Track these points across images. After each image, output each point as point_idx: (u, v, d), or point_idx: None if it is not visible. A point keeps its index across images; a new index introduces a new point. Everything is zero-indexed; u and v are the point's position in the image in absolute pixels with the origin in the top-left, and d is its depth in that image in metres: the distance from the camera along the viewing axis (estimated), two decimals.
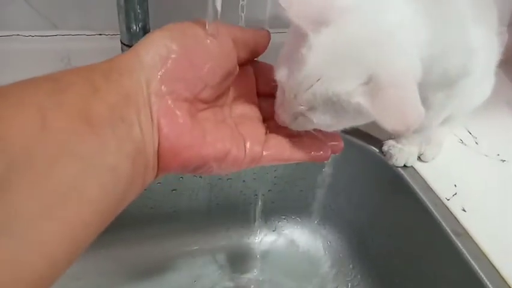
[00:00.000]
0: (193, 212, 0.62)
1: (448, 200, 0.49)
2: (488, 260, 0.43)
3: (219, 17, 0.28)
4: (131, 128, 0.23)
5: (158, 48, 0.26)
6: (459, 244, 0.44)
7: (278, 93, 0.33)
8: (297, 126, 0.33)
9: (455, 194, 0.50)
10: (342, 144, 0.35)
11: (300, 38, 0.29)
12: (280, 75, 0.31)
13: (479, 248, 0.44)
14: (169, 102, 0.26)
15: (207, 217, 0.63)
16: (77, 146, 0.20)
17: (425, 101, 0.46)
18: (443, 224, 0.46)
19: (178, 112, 0.26)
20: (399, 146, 0.52)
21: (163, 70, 0.26)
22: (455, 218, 0.47)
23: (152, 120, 0.25)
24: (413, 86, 0.29)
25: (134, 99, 0.24)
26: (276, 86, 0.34)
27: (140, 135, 0.24)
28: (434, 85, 0.43)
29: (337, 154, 0.36)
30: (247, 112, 0.34)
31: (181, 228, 0.62)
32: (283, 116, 0.33)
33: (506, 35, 0.80)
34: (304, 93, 0.29)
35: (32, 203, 0.18)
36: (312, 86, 0.29)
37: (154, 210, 0.59)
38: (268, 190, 0.63)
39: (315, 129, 0.34)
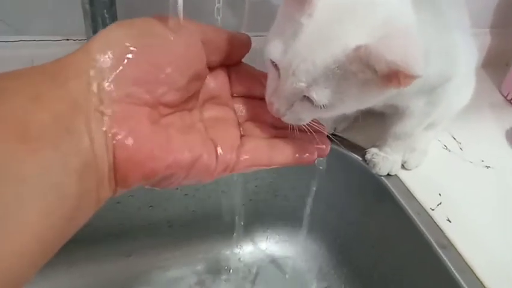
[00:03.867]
0: (170, 225, 0.59)
1: (433, 210, 0.47)
2: (473, 273, 0.41)
3: (181, 12, 0.25)
4: (79, 139, 0.20)
5: (113, 47, 0.23)
6: (444, 257, 0.43)
7: (269, 80, 0.31)
8: (292, 116, 0.30)
9: (440, 203, 0.48)
10: (329, 146, 0.32)
11: (299, 7, 0.27)
12: (274, 51, 0.29)
13: (464, 261, 0.42)
14: (126, 107, 0.23)
15: (184, 230, 0.60)
16: (13, 168, 0.18)
17: (406, 109, 0.46)
18: (428, 235, 0.45)
19: (136, 118, 0.23)
20: (382, 154, 0.50)
21: (117, 71, 0.23)
22: (440, 229, 0.45)
23: (105, 128, 0.22)
24: (418, 41, 0.27)
25: (84, 105, 0.21)
26: (253, 85, 0.32)
27: (90, 147, 0.21)
28: (415, 92, 0.41)
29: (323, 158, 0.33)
30: (220, 115, 0.31)
31: (156, 243, 0.60)
32: (277, 104, 0.30)
33: (489, 37, 0.79)
34: (304, 64, 0.27)
35: None
36: (313, 53, 0.27)
37: (127, 224, 0.57)
38: (249, 200, 0.61)
39: (300, 131, 0.31)
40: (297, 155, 0.31)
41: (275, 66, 0.30)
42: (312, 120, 0.32)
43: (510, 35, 0.78)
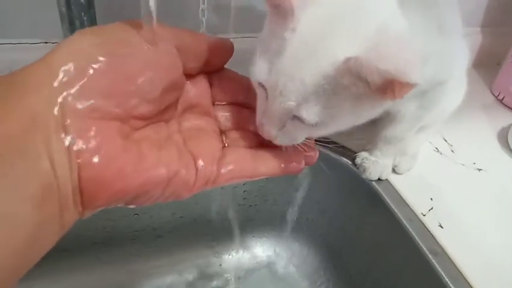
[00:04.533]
0: (157, 232, 0.58)
1: (424, 215, 0.46)
2: (466, 280, 0.40)
3: (154, 18, 0.23)
4: (36, 161, 0.19)
5: (76, 57, 0.21)
6: (436, 264, 0.42)
7: (259, 102, 0.29)
8: (284, 137, 0.29)
9: (431, 208, 0.47)
10: (317, 154, 0.31)
11: (281, 22, 0.26)
12: (260, 72, 0.27)
13: (457, 268, 0.41)
14: (92, 122, 0.21)
15: (172, 237, 0.59)
16: None
17: (397, 113, 0.44)
18: (419, 242, 0.44)
19: (104, 133, 0.21)
20: (372, 158, 0.49)
21: (81, 83, 0.21)
22: (432, 235, 0.44)
23: (68, 147, 0.20)
24: (413, 47, 0.25)
25: (43, 122, 0.19)
26: (236, 92, 0.30)
27: (51, 169, 0.19)
28: (407, 96, 0.40)
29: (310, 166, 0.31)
30: (201, 125, 0.29)
31: (144, 250, 0.58)
32: (267, 126, 0.28)
33: (480, 36, 0.79)
34: (291, 82, 0.25)
35: None
36: (300, 70, 0.25)
37: (113, 233, 0.55)
38: (238, 205, 0.59)
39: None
40: (282, 165, 0.29)
41: (263, 86, 0.28)
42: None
43: (501, 34, 0.77)
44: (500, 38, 0.77)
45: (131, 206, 0.24)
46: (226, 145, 0.29)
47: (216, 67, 0.30)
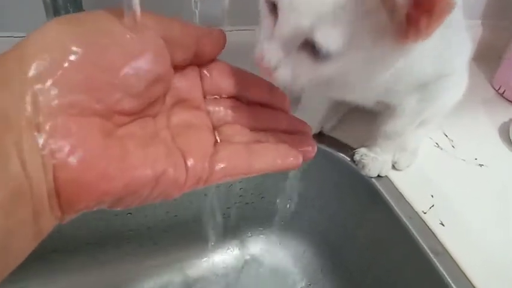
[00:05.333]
0: (152, 232, 0.56)
1: (425, 213, 0.45)
2: (468, 280, 0.39)
3: (137, 3, 0.21)
4: (6, 163, 0.17)
5: (51, 47, 0.19)
6: (437, 263, 0.41)
7: (264, 25, 0.26)
8: (285, 71, 0.26)
9: (432, 206, 0.46)
10: (315, 148, 0.29)
11: None
12: None
13: (459, 267, 0.40)
14: (69, 119, 0.19)
15: (167, 236, 0.57)
16: None
17: (397, 107, 0.43)
18: (420, 240, 0.43)
19: (83, 131, 0.19)
20: (372, 155, 0.48)
21: (57, 77, 0.19)
22: (433, 233, 0.43)
23: (42, 146, 0.18)
24: None
25: (14, 120, 0.18)
26: (229, 85, 0.28)
27: (21, 171, 0.18)
28: (408, 88, 0.39)
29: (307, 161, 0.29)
30: (191, 119, 0.27)
31: (138, 250, 0.57)
32: (270, 51, 0.25)
33: (481, 28, 0.77)
34: None
35: None
36: None
37: (107, 232, 0.54)
38: (234, 203, 0.58)
39: (283, 133, 0.28)
40: (279, 161, 0.27)
41: (272, 7, 0.25)
42: (297, 121, 0.29)
43: (502, 26, 0.76)
44: (501, 31, 0.76)
45: (117, 208, 0.22)
46: (219, 141, 0.27)
47: (207, 59, 0.28)
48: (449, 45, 0.38)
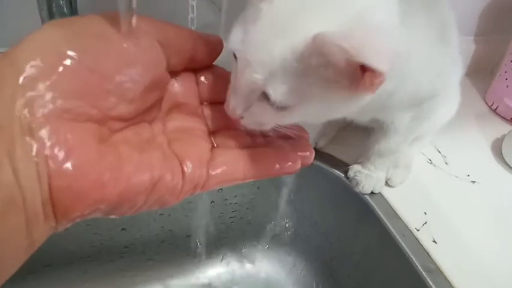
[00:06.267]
0: (145, 246, 0.56)
1: (418, 230, 0.45)
2: None
3: (134, 8, 0.21)
4: None
5: (44, 52, 0.19)
6: (429, 281, 0.41)
7: (232, 77, 0.27)
8: (251, 118, 0.27)
9: (425, 223, 0.46)
10: (313, 154, 0.29)
11: None
12: (234, 41, 0.25)
13: (451, 285, 0.40)
14: (63, 125, 0.19)
15: (161, 250, 0.57)
16: None
17: (390, 124, 0.44)
18: (413, 258, 0.43)
19: (78, 137, 0.19)
20: (365, 171, 0.48)
21: (50, 82, 0.18)
22: (426, 251, 0.43)
23: (35, 154, 0.18)
24: (390, 38, 0.23)
25: (6, 127, 0.17)
26: (226, 91, 0.28)
27: (14, 180, 0.17)
28: (402, 106, 0.39)
29: (306, 168, 0.29)
30: (187, 125, 0.27)
31: (132, 264, 0.57)
32: (233, 103, 0.26)
33: (473, 44, 0.78)
34: (260, 53, 0.24)
35: None
36: (270, 41, 0.23)
37: (101, 247, 0.53)
38: (229, 217, 0.58)
39: (281, 139, 0.28)
40: (277, 166, 0.27)
41: (237, 59, 0.26)
42: (293, 126, 0.29)
43: (494, 42, 0.77)
44: (493, 46, 0.77)
45: (112, 217, 0.22)
46: (215, 146, 0.27)
47: (203, 64, 0.28)
48: (446, 59, 0.38)
